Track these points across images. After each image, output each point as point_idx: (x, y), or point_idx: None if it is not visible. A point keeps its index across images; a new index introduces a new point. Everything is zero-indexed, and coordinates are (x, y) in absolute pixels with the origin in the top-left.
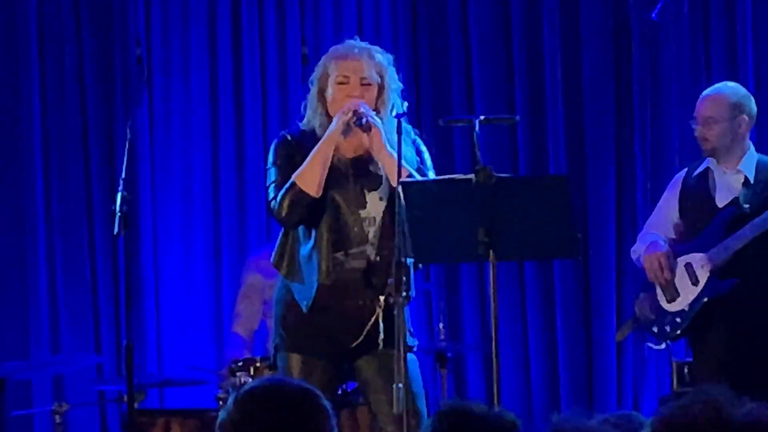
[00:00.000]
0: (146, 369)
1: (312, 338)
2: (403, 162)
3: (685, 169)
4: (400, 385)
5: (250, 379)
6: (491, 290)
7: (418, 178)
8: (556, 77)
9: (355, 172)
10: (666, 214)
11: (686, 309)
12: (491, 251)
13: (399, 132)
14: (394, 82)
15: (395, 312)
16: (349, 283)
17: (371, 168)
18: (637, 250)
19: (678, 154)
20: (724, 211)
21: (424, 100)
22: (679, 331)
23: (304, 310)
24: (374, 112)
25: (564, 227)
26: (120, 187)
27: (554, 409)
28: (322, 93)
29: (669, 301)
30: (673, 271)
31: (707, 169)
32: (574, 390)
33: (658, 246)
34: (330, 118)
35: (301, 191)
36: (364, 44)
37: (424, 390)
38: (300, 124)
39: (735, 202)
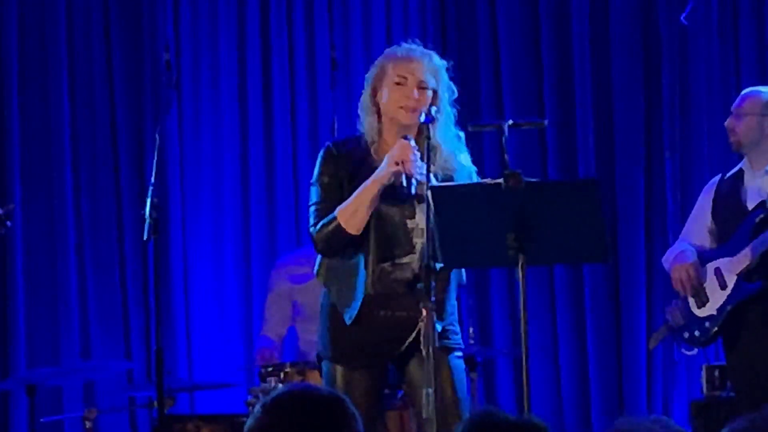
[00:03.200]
0: (176, 374)
1: (355, 349)
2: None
3: (720, 174)
4: (430, 390)
5: (280, 385)
6: (521, 295)
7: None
8: (585, 81)
9: (404, 183)
10: (700, 219)
11: (715, 314)
12: (521, 256)
13: (428, 137)
14: (448, 89)
15: (426, 316)
16: (394, 293)
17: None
18: (667, 259)
19: (707, 158)
20: (752, 214)
21: None
22: (708, 336)
23: (348, 321)
24: (430, 117)
25: (594, 232)
26: (149, 193)
27: (584, 413)
28: (375, 93)
29: (699, 307)
30: (700, 279)
31: (740, 171)
32: (605, 394)
33: (685, 257)
34: (380, 120)
35: (343, 230)
36: (423, 48)
37: None
38: (358, 128)
39: (762, 204)
